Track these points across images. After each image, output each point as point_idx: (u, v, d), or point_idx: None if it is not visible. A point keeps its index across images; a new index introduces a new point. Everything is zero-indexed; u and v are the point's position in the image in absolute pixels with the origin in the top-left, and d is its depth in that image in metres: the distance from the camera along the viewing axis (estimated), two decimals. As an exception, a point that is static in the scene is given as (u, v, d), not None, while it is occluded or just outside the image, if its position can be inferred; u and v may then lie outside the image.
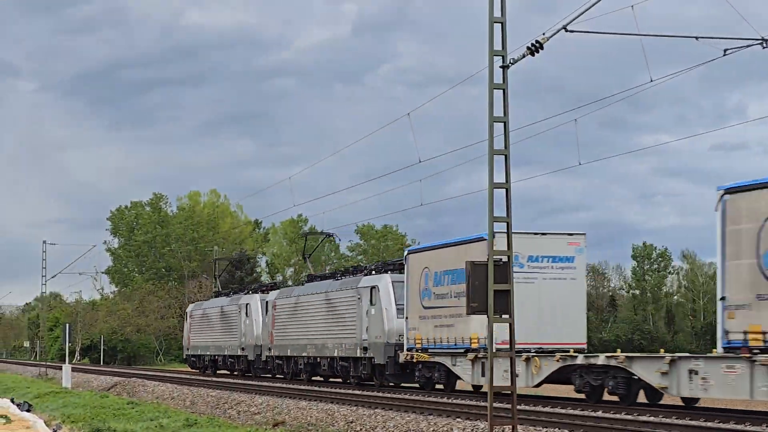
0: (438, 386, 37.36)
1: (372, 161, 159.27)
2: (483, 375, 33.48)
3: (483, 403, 27.34)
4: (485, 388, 34.43)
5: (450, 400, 31.52)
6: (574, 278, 33.95)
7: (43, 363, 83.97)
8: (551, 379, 31.00)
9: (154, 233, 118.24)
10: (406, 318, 38.17)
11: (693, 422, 22.42)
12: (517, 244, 29.06)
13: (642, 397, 28.86)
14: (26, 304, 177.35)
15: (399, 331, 39.18)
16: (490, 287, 18.90)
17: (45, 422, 28.77)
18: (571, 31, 19.82)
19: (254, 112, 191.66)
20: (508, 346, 29.94)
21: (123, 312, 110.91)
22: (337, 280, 46.36)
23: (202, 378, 53.35)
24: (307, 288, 48.87)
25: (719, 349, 24.55)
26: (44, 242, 76.44)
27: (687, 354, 26.26)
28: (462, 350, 34.60)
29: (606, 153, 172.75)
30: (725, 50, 22.69)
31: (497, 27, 18.97)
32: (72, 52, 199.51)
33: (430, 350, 36.63)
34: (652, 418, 23.80)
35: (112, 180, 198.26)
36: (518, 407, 20.14)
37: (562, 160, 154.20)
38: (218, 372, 61.76)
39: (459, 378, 35.67)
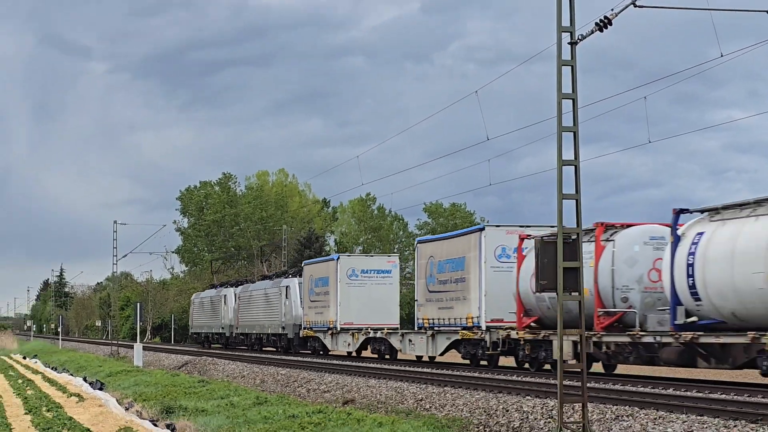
0: (320, 353, 53.73)
1: (441, 139, 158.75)
2: (337, 345, 50.97)
3: (553, 381, 27.24)
4: (335, 353, 53.06)
5: (520, 378, 31.39)
6: (391, 283, 51.12)
7: (115, 342, 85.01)
8: (364, 346, 49.21)
9: (223, 213, 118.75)
10: (303, 308, 55.70)
11: None
12: (353, 262, 51.52)
13: (401, 355, 46.08)
14: (98, 283, 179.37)
15: (301, 316, 56.02)
16: (559, 265, 18.78)
17: (117, 400, 29.13)
18: (641, 7, 19.61)
19: (323, 91, 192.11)
20: (351, 327, 49.56)
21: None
22: (272, 280, 64.26)
23: (272, 357, 54.08)
24: (257, 285, 66.69)
25: (416, 328, 42.90)
26: (115, 222, 77.37)
27: (407, 330, 45.69)
28: (326, 329, 51.79)
29: (677, 130, 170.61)
30: (798, 23, 22.41)
31: (565, 3, 18.83)
32: (143, 34, 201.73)
33: (314, 329, 53.84)
34: (711, 395, 23.54)
35: (182, 160, 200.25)
36: (588, 385, 20.03)
37: (632, 137, 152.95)
38: (212, 345, 76.97)
39: (328, 348, 52.51)
